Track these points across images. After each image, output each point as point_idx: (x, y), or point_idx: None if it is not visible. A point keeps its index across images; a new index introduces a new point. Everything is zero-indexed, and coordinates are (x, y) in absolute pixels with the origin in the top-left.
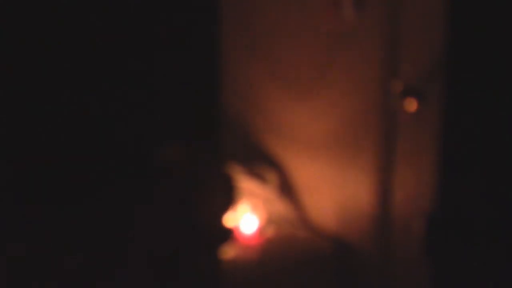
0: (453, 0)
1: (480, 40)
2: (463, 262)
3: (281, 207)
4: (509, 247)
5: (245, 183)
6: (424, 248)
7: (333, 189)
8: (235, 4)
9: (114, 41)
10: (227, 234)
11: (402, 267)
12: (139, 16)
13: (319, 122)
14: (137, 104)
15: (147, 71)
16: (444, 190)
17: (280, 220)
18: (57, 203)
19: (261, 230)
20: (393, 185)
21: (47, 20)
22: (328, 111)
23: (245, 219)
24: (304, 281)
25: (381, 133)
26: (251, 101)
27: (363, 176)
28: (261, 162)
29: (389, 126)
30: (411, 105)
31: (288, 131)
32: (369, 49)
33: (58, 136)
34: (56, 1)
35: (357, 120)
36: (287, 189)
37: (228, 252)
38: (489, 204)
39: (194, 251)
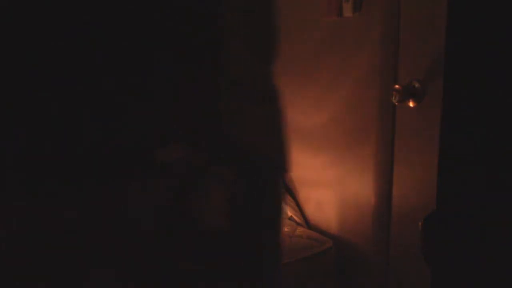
0: (453, 0)
1: (481, 38)
2: (463, 262)
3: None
4: (509, 247)
5: None
6: (424, 247)
7: (333, 188)
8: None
9: (114, 40)
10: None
11: (401, 265)
12: (139, 16)
13: (319, 122)
14: (137, 102)
15: (147, 70)
16: (444, 189)
17: None
18: (56, 201)
19: None
20: (393, 184)
21: (49, 19)
22: (328, 111)
23: None
24: (304, 279)
25: (381, 132)
26: None
27: (363, 175)
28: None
29: (388, 125)
30: (411, 104)
31: (288, 129)
32: (369, 49)
33: (59, 134)
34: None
35: (357, 120)
36: (287, 187)
37: None
38: (489, 203)
39: (194, 253)
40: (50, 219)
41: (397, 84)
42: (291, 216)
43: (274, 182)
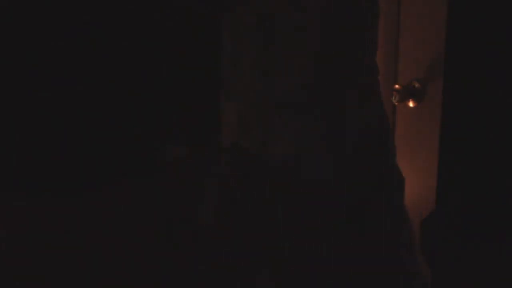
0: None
1: (481, 38)
2: (463, 261)
3: None
4: (509, 247)
5: None
6: (424, 246)
7: None
8: None
9: (114, 40)
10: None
11: None
12: (139, 16)
13: None
14: (137, 103)
15: (147, 70)
16: (444, 188)
17: None
18: (56, 201)
19: None
20: None
21: (49, 19)
22: None
23: None
24: None
25: None
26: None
27: None
28: None
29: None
30: (411, 104)
31: None
32: None
33: (59, 134)
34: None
35: None
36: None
37: None
38: (489, 203)
39: (195, 253)
40: (50, 219)
41: (397, 84)
42: None
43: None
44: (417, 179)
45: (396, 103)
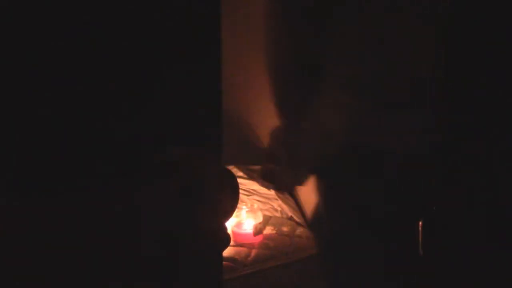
0: (452, 1)
1: (481, 39)
2: (463, 261)
3: (280, 206)
4: (508, 247)
5: (245, 183)
6: (424, 246)
7: None
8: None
9: (114, 40)
10: (228, 235)
11: None
12: (139, 16)
13: None
14: (137, 103)
15: (147, 70)
16: (444, 189)
17: (279, 219)
18: (55, 201)
19: (260, 230)
20: None
21: (49, 19)
22: None
23: (245, 219)
24: (303, 279)
25: None
26: (251, 100)
27: None
28: (261, 162)
29: None
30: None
31: None
32: None
33: (59, 134)
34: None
35: None
36: (286, 189)
37: (227, 252)
38: (490, 203)
39: (195, 253)
40: (50, 219)
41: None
42: (291, 216)
43: None
44: None
45: None
